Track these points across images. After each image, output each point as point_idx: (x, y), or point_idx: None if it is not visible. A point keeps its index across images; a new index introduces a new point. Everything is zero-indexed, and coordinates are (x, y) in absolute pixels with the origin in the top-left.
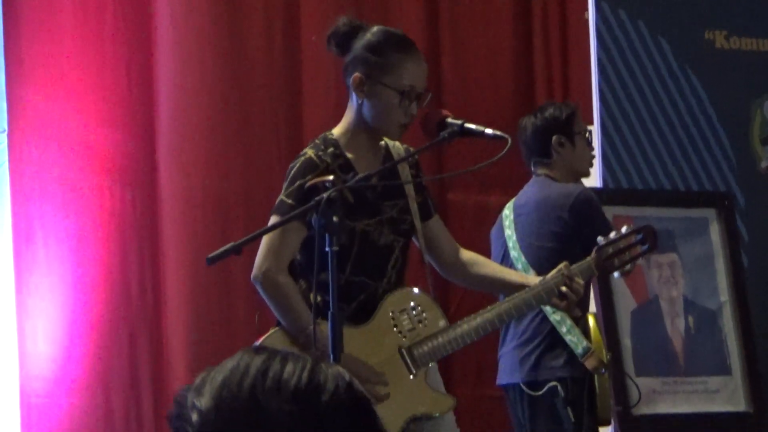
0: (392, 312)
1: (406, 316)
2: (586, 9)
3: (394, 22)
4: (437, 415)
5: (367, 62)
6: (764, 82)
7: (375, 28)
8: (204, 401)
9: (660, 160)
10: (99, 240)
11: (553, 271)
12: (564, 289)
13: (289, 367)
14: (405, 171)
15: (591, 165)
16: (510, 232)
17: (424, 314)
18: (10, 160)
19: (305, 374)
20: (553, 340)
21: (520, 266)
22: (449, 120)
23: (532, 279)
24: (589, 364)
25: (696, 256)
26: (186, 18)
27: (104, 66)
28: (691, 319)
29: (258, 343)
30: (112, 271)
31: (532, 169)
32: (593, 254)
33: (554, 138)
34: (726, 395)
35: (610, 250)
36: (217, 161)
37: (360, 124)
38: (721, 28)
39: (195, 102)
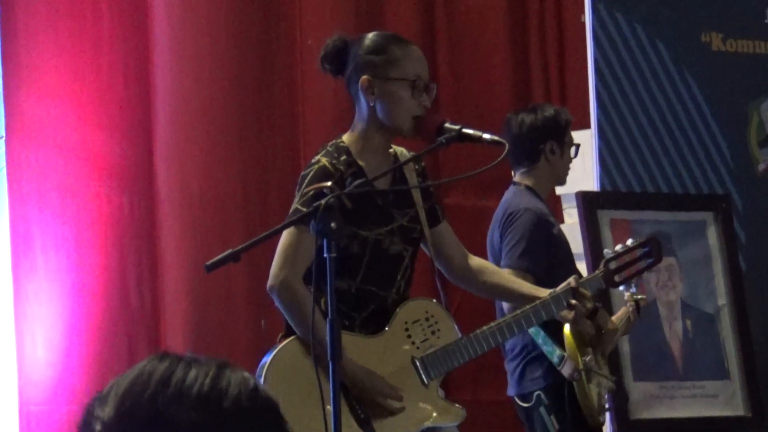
0: (406, 322)
1: (419, 327)
2: (583, 11)
3: (391, 28)
4: (449, 425)
5: (371, 64)
6: (761, 84)
7: (369, 34)
8: (107, 411)
9: (657, 163)
10: (97, 245)
11: (563, 284)
12: (573, 301)
13: (192, 374)
14: (413, 179)
15: (567, 175)
16: (489, 246)
17: (437, 325)
18: (8, 166)
19: (208, 380)
20: (535, 351)
21: None
22: (447, 125)
23: (542, 291)
24: (565, 371)
25: (694, 260)
26: (183, 23)
27: (101, 71)
28: (689, 322)
29: (273, 353)
30: (110, 276)
31: (512, 172)
32: (601, 267)
33: (548, 144)
34: (724, 399)
35: (617, 264)
36: (215, 166)
37: (373, 129)
38: (717, 30)
39: (192, 107)
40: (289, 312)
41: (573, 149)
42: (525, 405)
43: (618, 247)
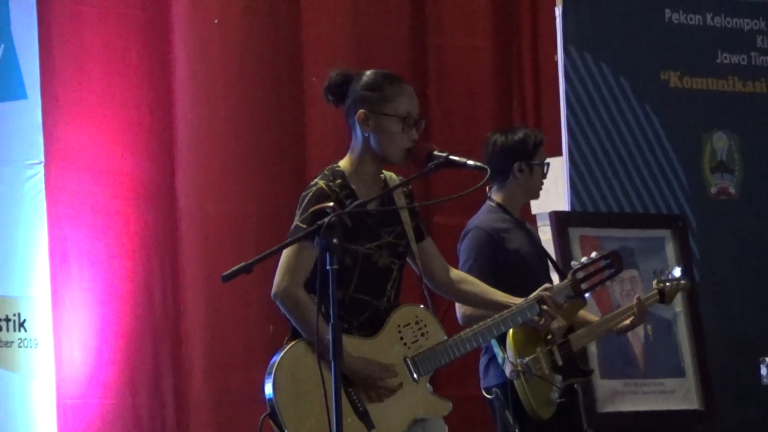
0: (399, 325)
1: (410, 330)
2: (556, 52)
3: (386, 66)
4: (436, 417)
5: (368, 99)
6: (714, 117)
7: (368, 72)
8: None
9: (621, 187)
10: (125, 258)
11: (536, 292)
12: (544, 307)
13: None
14: (401, 200)
15: (540, 190)
16: None
17: (426, 328)
18: (46, 188)
19: None
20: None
21: None
22: (436, 152)
23: (515, 299)
24: (506, 370)
25: (654, 272)
26: (202, 60)
27: (129, 103)
28: (649, 327)
29: (281, 353)
30: (137, 285)
31: (488, 188)
32: (569, 277)
33: (516, 164)
34: (681, 395)
35: (583, 273)
36: (231, 189)
37: (366, 157)
38: (675, 69)
39: (210, 135)
40: (292, 316)
41: (544, 168)
42: (488, 397)
43: (583, 259)
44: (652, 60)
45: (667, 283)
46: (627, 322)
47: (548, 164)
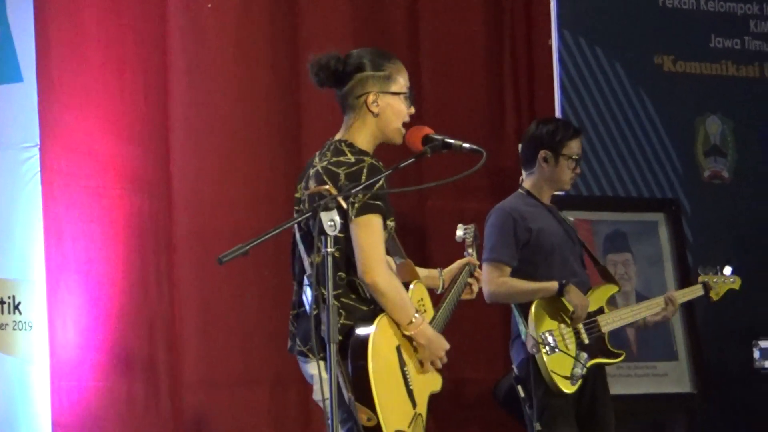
0: (416, 302)
1: (421, 305)
2: (550, 36)
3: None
4: (438, 390)
5: (372, 80)
6: (707, 101)
7: (362, 51)
8: None
9: (615, 170)
10: (120, 241)
11: (462, 261)
12: (469, 280)
13: None
14: None
15: (570, 182)
16: None
17: (425, 303)
18: (41, 171)
19: None
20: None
21: None
22: (432, 136)
23: (434, 271)
24: (527, 345)
25: (647, 255)
26: (197, 43)
27: (125, 88)
28: None
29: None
30: (132, 268)
31: (520, 179)
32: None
33: (541, 152)
34: (673, 378)
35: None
36: (225, 172)
37: (376, 138)
38: (668, 53)
39: (205, 120)
40: (388, 298)
41: (571, 161)
42: (516, 374)
43: (461, 233)
44: (646, 44)
45: (714, 279)
46: (658, 318)
47: (578, 158)
